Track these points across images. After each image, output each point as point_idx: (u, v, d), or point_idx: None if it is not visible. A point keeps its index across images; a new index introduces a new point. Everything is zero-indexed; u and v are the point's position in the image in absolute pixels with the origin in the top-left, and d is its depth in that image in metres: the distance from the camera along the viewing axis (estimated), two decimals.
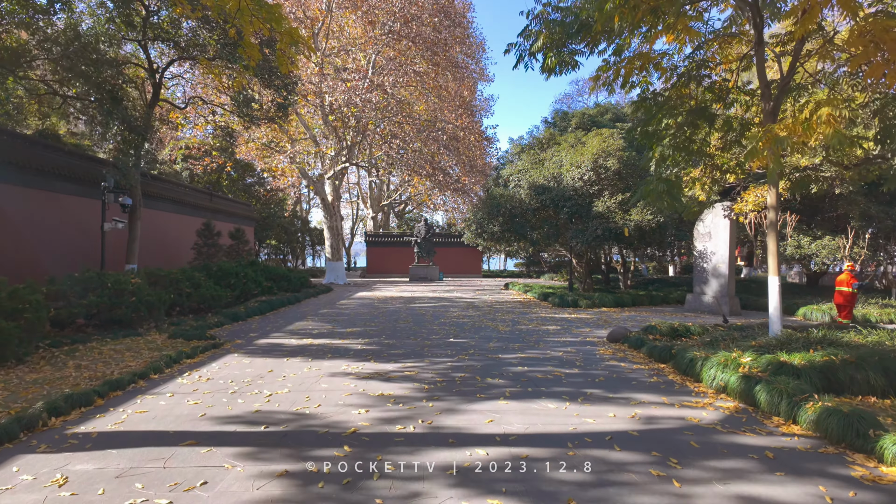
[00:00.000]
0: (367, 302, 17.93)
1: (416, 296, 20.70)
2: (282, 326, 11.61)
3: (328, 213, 28.54)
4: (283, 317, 13.49)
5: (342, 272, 28.99)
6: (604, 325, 11.98)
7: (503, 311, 15.14)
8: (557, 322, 12.56)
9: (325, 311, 15.03)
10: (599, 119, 21.06)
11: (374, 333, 10.56)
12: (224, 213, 26.86)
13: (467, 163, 28.34)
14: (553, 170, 17.51)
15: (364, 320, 12.72)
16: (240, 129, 18.09)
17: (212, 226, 20.65)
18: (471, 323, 12.26)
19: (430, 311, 14.77)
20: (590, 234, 16.04)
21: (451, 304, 17.31)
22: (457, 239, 41.15)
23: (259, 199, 36.45)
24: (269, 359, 7.89)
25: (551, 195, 16.78)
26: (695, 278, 15.85)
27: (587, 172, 16.44)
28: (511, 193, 18.20)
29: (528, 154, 19.11)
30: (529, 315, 14.03)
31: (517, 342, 9.53)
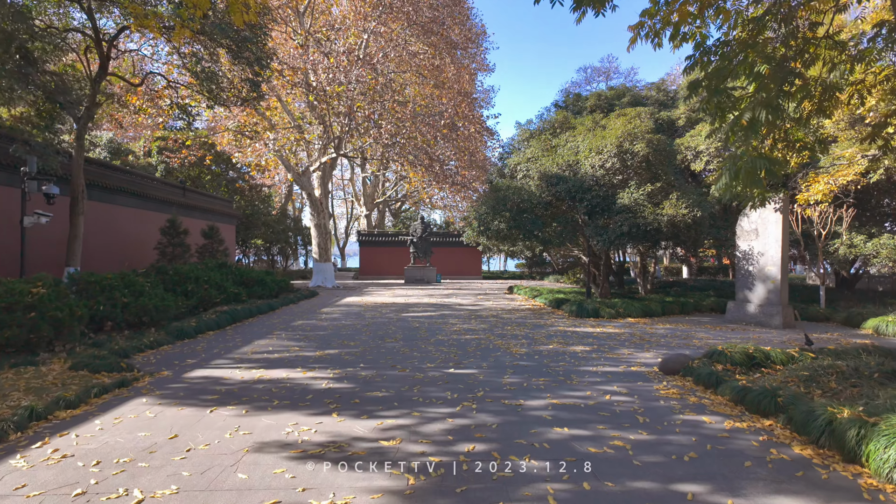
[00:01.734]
0: (354, 310, 15.48)
1: (411, 302, 18.27)
2: (236, 347, 9.15)
3: (315, 209, 26.07)
4: (245, 332, 11.03)
5: (331, 274, 26.54)
6: (642, 345, 9.55)
7: (512, 322, 12.71)
8: (583, 339, 10.13)
9: (301, 322, 12.57)
10: (617, 102, 18.66)
11: (351, 358, 8.10)
12: (200, 209, 24.38)
13: (467, 156, 25.90)
14: (568, 157, 15.08)
15: (344, 336, 10.26)
16: (202, 108, 15.59)
17: (177, 223, 18.16)
18: (475, 341, 9.82)
19: (426, 324, 12.33)
20: (613, 231, 13.62)
21: (451, 312, 14.88)
22: (455, 238, 38.71)
23: (243, 196, 33.94)
24: (186, 408, 5.43)
25: (567, 186, 14.35)
26: (737, 283, 13.44)
27: (610, 159, 14.01)
28: (519, 185, 15.77)
29: (537, 140, 16.67)
30: (546, 328, 11.60)
31: (542, 374, 7.08)
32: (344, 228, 61.38)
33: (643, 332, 11.15)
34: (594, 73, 33.75)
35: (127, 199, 18.80)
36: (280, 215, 38.64)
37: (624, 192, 13.83)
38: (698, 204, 13.60)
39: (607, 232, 13.86)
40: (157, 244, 17.97)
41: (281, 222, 37.50)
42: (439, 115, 19.11)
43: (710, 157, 16.48)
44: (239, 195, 34.14)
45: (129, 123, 21.82)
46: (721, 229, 15.29)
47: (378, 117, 18.13)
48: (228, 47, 13.39)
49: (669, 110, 18.96)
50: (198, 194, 25.02)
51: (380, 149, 19.15)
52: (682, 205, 13.19)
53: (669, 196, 13.74)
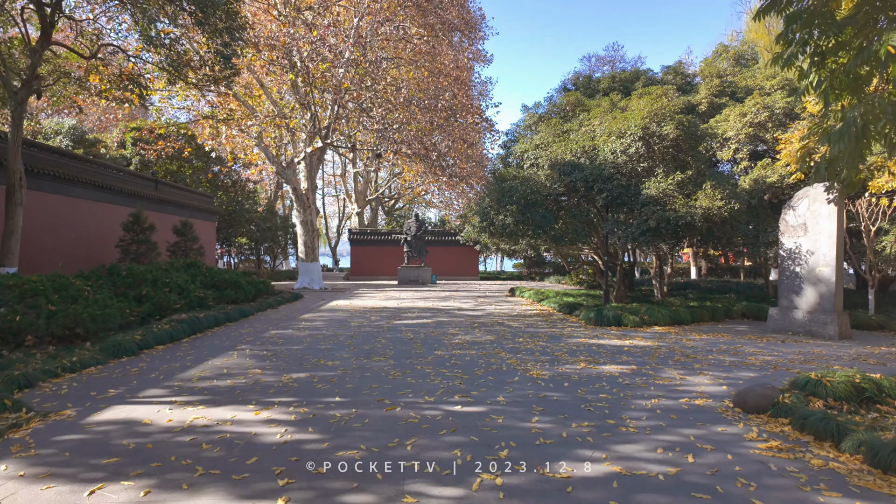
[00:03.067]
0: (339, 316, 13.59)
1: (405, 306, 16.40)
2: (182, 369, 7.25)
3: (300, 205, 24.13)
4: (203, 346, 9.12)
5: (318, 275, 24.61)
6: (689, 364, 7.73)
7: (522, 332, 10.87)
8: (614, 355, 8.30)
9: (275, 332, 10.67)
10: (632, 86, 16.86)
11: (324, 387, 6.23)
12: (174, 204, 22.38)
13: (466, 145, 24.03)
14: (583, 142, 13.27)
15: (322, 352, 8.38)
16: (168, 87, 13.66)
17: (142, 217, 16.20)
18: (483, 359, 7.97)
19: (421, 334, 10.46)
20: (638, 226, 11.82)
21: (449, 319, 13.03)
22: (451, 237, 36.88)
23: (226, 192, 31.91)
24: (57, 484, 3.55)
25: (583, 175, 12.54)
26: (781, 286, 11.67)
27: (633, 143, 12.21)
28: (526, 175, 13.94)
29: (547, 125, 14.84)
30: (564, 340, 9.76)
31: (581, 414, 5.24)
32: (336, 227, 59.40)
33: (681, 346, 9.34)
34: (599, 63, 31.97)
35: (87, 190, 16.81)
36: (267, 213, 36.63)
37: (650, 181, 12.03)
38: (735, 195, 11.83)
39: (629, 227, 12.05)
40: (119, 241, 16.01)
41: (268, 220, 35.49)
42: (436, 98, 17.24)
43: (741, 144, 14.72)
44: (222, 191, 32.12)
45: (90, 107, 19.82)
46: (748, 225, 13.55)
47: (368, 101, 16.25)
48: (192, 13, 11.50)
49: (689, 95, 17.22)
50: (172, 188, 23.01)
51: (370, 137, 17.25)
52: (717, 196, 11.41)
53: (702, 186, 11.96)
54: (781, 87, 15.31)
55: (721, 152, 14.97)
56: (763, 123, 14.46)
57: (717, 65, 17.45)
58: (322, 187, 57.98)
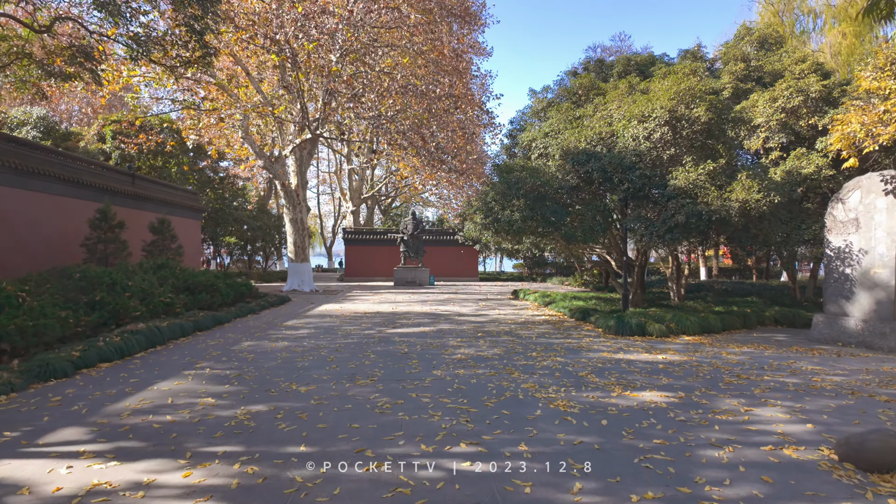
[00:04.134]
0: (327, 323, 12.13)
1: (400, 310, 14.94)
2: (116, 398, 5.78)
3: (290, 201, 22.64)
4: (157, 363, 7.64)
5: (308, 276, 23.12)
6: (747, 388, 6.29)
7: (534, 343, 9.42)
8: (650, 375, 6.86)
9: (248, 345, 9.20)
10: (648, 70, 15.43)
11: (288, 427, 4.77)
12: (154, 201, 20.87)
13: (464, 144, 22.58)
14: (600, 128, 11.84)
15: (297, 373, 6.92)
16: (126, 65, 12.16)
17: (110, 213, 14.70)
18: (493, 381, 6.51)
19: (417, 347, 9.00)
20: (663, 221, 10.40)
21: (450, 326, 11.57)
22: (450, 237, 35.41)
23: (213, 188, 30.39)
24: None
25: (600, 165, 11.10)
26: (828, 290, 10.25)
27: (658, 128, 10.77)
28: (535, 166, 12.51)
29: (557, 110, 13.39)
30: (585, 355, 8.31)
31: (635, 476, 3.79)
32: (331, 227, 57.87)
33: (724, 362, 7.90)
34: (605, 53, 30.50)
35: (51, 184, 15.30)
36: (259, 211, 35.11)
37: (677, 170, 10.60)
38: (774, 187, 10.41)
39: (654, 223, 10.62)
40: (84, 240, 14.51)
41: (258, 218, 33.98)
42: (434, 84, 15.75)
43: (771, 132, 13.30)
44: (210, 188, 30.59)
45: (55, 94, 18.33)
46: (810, 221, 12.17)
47: (360, 86, 14.79)
48: None
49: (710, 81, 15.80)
50: (152, 183, 21.50)
51: (363, 126, 15.78)
52: (755, 187, 9.99)
53: (736, 176, 10.54)
54: (813, 71, 13.93)
55: (749, 141, 13.57)
56: (796, 109, 13.06)
57: (740, 48, 16.04)
58: (316, 185, 56.50)
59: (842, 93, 13.13)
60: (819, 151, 12.62)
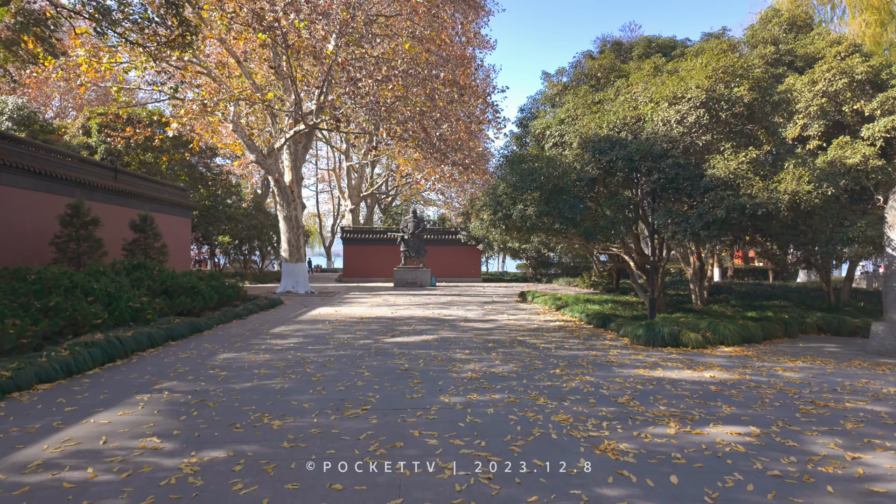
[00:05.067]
0: (318, 331, 10.86)
1: (400, 315, 13.68)
2: (36, 437, 4.50)
3: (284, 198, 21.38)
4: (109, 384, 6.37)
5: (303, 277, 21.86)
6: (832, 421, 5.02)
7: (554, 356, 8.16)
8: (707, 404, 5.59)
9: (224, 358, 7.94)
10: (671, 54, 14.13)
11: (247, 488, 3.51)
12: (139, 197, 19.63)
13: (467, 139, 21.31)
14: (623, 113, 10.57)
15: (270, 401, 5.65)
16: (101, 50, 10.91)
17: (83, 209, 13.46)
18: (517, 414, 5.24)
19: (420, 362, 7.73)
20: (700, 216, 9.12)
21: (456, 335, 10.30)
22: (451, 236, 34.15)
23: (205, 184, 29.11)
24: None
25: (625, 152, 9.83)
26: (889, 295, 8.98)
27: (693, 110, 9.50)
28: (549, 155, 11.24)
29: (574, 95, 12.11)
30: (618, 372, 7.04)
31: None
32: (330, 227, 56.59)
33: (787, 383, 6.63)
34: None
35: (19, 177, 14.05)
36: (254, 209, 33.82)
37: (714, 158, 9.32)
38: (825, 177, 9.14)
39: (688, 219, 9.34)
40: (54, 238, 13.27)
41: (254, 217, 32.69)
42: (438, 67, 14.44)
43: (811, 118, 12.03)
44: (202, 185, 29.31)
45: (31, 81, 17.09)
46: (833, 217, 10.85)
47: (357, 70, 13.53)
48: None
49: None
50: (136, 178, 20.25)
51: (360, 114, 14.50)
52: (805, 177, 8.71)
53: (782, 166, 9.27)
54: (851, 53, 12.67)
55: (785, 129, 12.30)
56: (839, 93, 11.79)
57: (769, 30, 14.77)
58: (315, 183, 55.30)
59: (890, 75, 11.86)
60: (866, 140, 11.35)
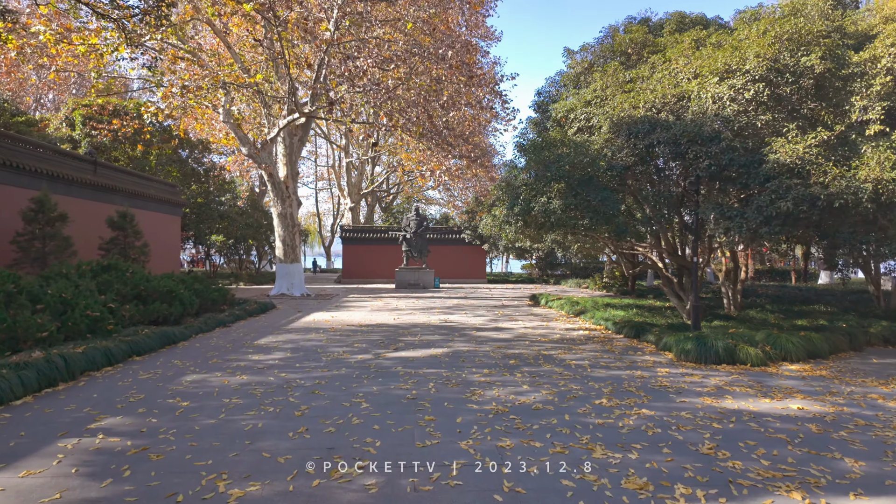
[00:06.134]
0: (310, 343, 9.44)
1: (403, 322, 12.27)
2: None
3: (278, 194, 19.97)
4: (34, 420, 4.95)
5: (299, 279, 20.44)
6: None
7: (591, 378, 6.73)
8: (823, 458, 4.15)
9: (189, 382, 6.52)
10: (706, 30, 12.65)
11: None
12: (122, 192, 18.22)
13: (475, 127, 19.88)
14: (663, 91, 9.13)
15: (233, 452, 4.21)
16: None
17: (48, 204, 12.06)
18: (572, 477, 3.79)
19: (430, 387, 6.29)
20: (759, 209, 7.69)
21: (469, 348, 8.87)
22: (455, 235, 32.71)
23: (198, 180, 27.70)
24: None
25: (668, 135, 8.39)
26: None
27: (751, 85, 8.06)
28: (574, 141, 9.80)
29: (602, 73, 10.67)
30: (681, 402, 5.62)
31: None
32: (330, 226, 55.19)
33: (891, 414, 5.20)
34: None
35: None
36: (250, 207, 32.41)
37: (777, 141, 7.88)
38: None
39: (745, 213, 7.91)
40: (16, 237, 11.86)
41: (249, 215, 31.27)
42: (446, 47, 12.99)
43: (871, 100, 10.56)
44: (194, 181, 27.91)
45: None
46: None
47: (355, 49, 12.12)
48: None
49: None
50: (119, 172, 18.85)
51: (358, 98, 13.08)
52: (889, 160, 7.28)
53: (854, 150, 7.83)
54: None
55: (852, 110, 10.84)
56: None
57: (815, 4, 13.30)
58: (314, 181, 53.93)
59: None
60: None
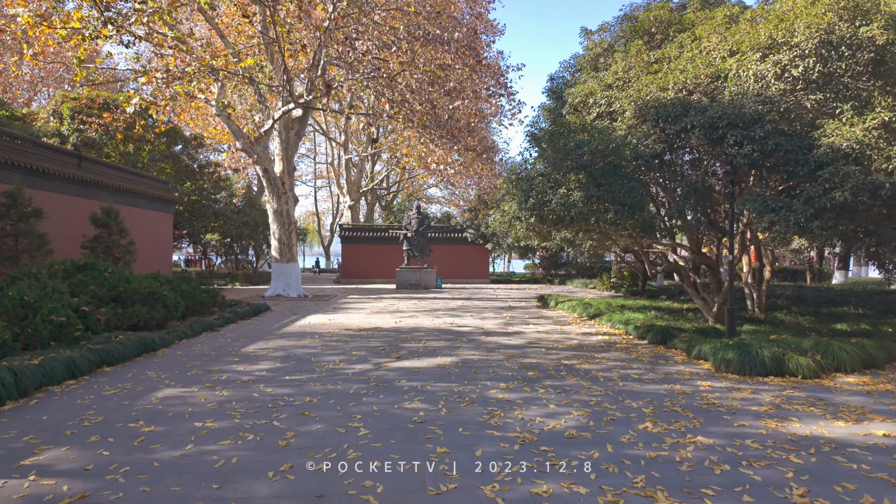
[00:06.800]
0: (302, 351, 8.53)
1: (405, 325, 11.36)
2: None
3: (273, 191, 19.07)
4: None
5: (295, 279, 19.53)
6: None
7: (626, 393, 5.83)
8: None
9: (159, 399, 5.61)
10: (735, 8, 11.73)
11: None
12: (109, 188, 17.31)
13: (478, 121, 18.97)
14: (695, 71, 8.22)
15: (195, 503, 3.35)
16: None
17: (21, 199, 11.14)
18: None
19: (440, 406, 5.37)
20: (808, 202, 6.79)
21: (480, 355, 7.96)
22: (458, 234, 31.81)
23: (192, 177, 26.77)
24: None
25: (704, 118, 7.47)
26: None
27: (800, 60, 7.14)
28: (596, 126, 8.89)
29: (625, 54, 9.75)
30: (739, 427, 4.70)
31: None
32: (329, 226, 54.30)
33: None
34: None
35: None
36: (247, 205, 31.49)
37: (830, 124, 6.97)
38: None
39: (789, 205, 7.00)
40: None
41: (245, 213, 30.36)
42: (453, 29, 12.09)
43: None
44: (188, 177, 26.99)
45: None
46: None
47: (354, 31, 11.24)
48: None
49: None
50: (107, 167, 17.95)
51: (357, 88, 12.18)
52: None
53: None
54: None
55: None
56: None
57: None
58: (313, 180, 53.07)
59: None
60: None
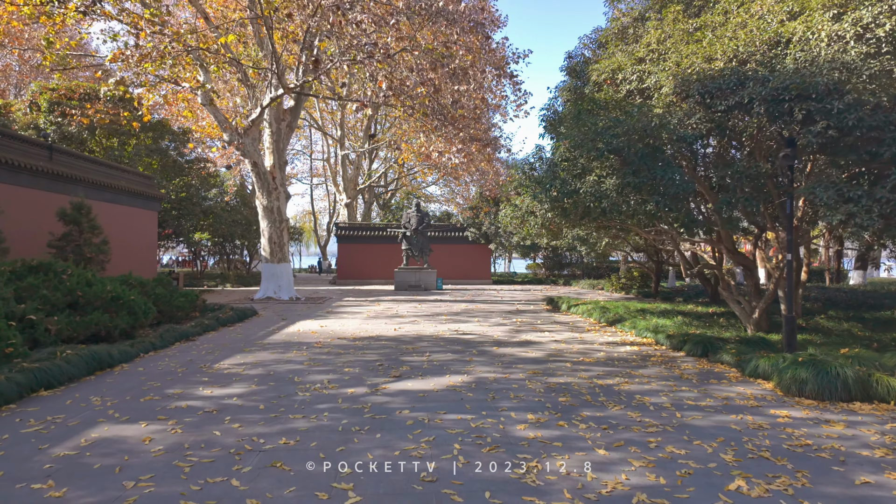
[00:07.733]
0: (286, 367, 7.25)
1: (406, 333, 10.10)
2: None
3: (263, 186, 17.80)
4: None
5: (287, 281, 18.25)
6: None
7: (692, 429, 4.59)
8: None
9: (94, 439, 4.34)
10: None
11: None
12: (84, 183, 16.01)
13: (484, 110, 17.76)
14: (747, 37, 6.97)
15: None
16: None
17: None
18: None
19: (457, 452, 4.09)
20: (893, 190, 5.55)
21: (495, 372, 6.70)
22: (458, 233, 30.56)
23: (180, 173, 25.45)
24: None
25: (765, 91, 6.22)
26: None
27: (885, 18, 5.90)
28: (631, 103, 7.65)
29: (659, 22, 8.51)
30: (865, 489, 3.49)
31: None
32: (326, 225, 53.00)
33: None
34: None
35: None
36: (240, 203, 30.20)
37: None
38: None
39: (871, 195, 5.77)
40: None
41: (237, 211, 29.08)
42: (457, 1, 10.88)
43: None
44: (176, 173, 25.68)
45: None
46: None
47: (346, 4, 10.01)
48: None
49: None
50: (81, 160, 16.62)
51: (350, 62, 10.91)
52: None
53: None
54: None
55: None
56: None
57: None
58: (309, 177, 51.79)
59: None
60: None
